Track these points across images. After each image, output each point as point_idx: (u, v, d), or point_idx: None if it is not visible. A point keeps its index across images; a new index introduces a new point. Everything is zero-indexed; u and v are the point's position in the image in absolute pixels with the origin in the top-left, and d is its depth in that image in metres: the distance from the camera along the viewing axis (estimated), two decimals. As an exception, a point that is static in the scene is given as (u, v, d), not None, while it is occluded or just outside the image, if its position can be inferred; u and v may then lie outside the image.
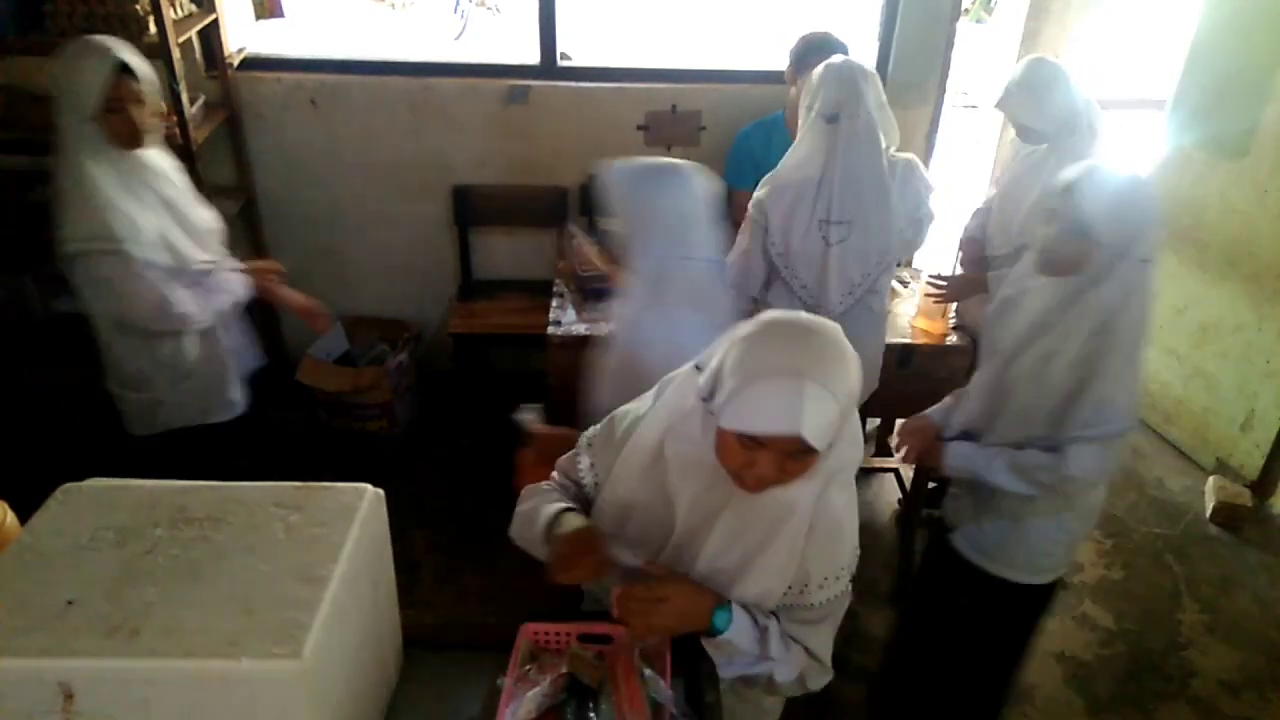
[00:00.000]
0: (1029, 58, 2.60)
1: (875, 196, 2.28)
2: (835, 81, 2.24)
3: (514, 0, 7.99)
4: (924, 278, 2.88)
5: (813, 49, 2.81)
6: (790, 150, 2.34)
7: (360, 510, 1.22)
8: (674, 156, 1.73)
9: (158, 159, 2.09)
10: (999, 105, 2.60)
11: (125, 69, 1.90)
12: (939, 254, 3.83)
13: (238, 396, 2.33)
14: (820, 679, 1.42)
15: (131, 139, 1.96)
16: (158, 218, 2.03)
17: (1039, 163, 2.57)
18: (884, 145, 2.31)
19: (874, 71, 2.29)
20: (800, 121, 2.33)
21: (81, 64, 1.89)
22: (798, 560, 1.32)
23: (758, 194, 2.38)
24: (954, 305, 2.74)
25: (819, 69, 2.29)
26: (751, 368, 1.14)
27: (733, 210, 3.14)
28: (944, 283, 2.75)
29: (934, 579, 2.18)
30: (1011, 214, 2.64)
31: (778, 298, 2.40)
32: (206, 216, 2.23)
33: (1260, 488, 3.29)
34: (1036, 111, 2.51)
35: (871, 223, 2.29)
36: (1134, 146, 4.20)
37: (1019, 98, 2.53)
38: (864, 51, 3.12)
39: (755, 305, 2.41)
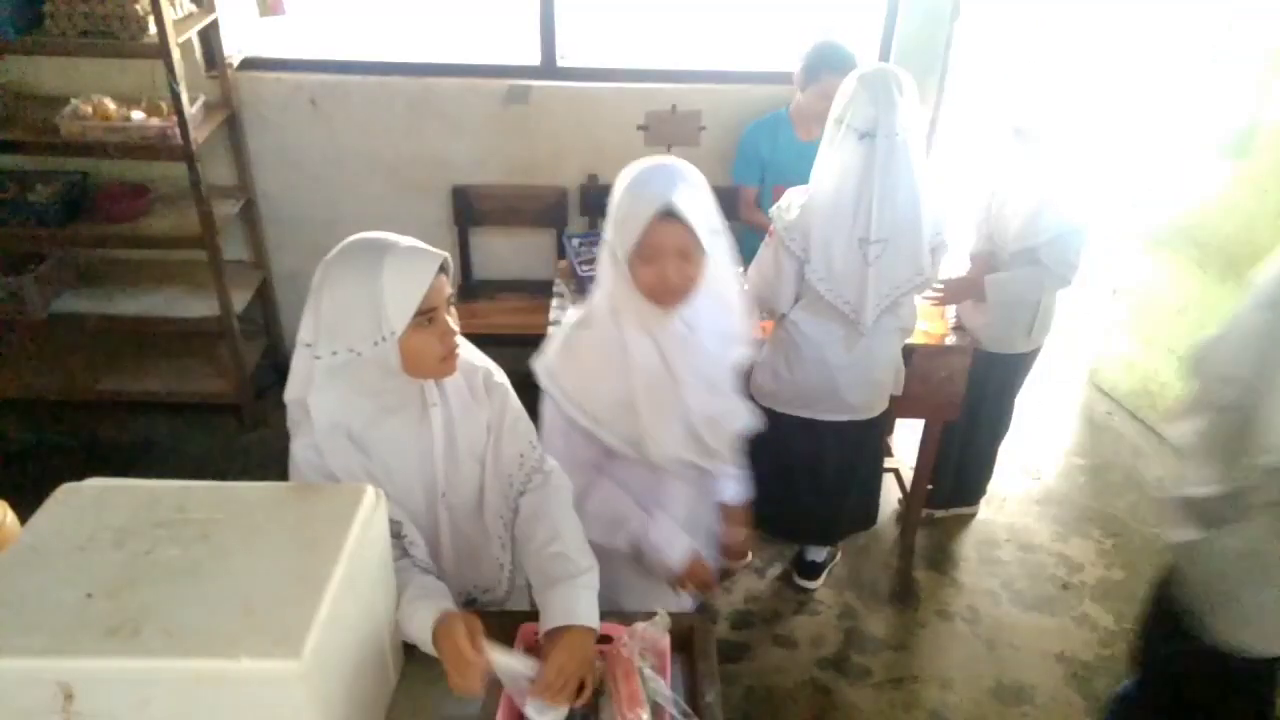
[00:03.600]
0: (1025, 59, 2.60)
1: (910, 214, 2.19)
2: (869, 95, 2.10)
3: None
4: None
5: (824, 61, 2.80)
6: (821, 168, 2.23)
7: (360, 510, 1.22)
8: (674, 156, 1.70)
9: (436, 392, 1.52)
10: (996, 107, 2.59)
11: (442, 268, 1.52)
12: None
13: None
14: None
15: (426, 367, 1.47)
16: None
17: (1035, 166, 2.57)
18: (918, 160, 2.19)
19: (908, 79, 2.15)
20: (828, 132, 2.21)
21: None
22: None
23: (787, 219, 2.26)
24: (952, 306, 2.74)
25: (850, 79, 2.16)
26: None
27: (741, 207, 3.14)
28: (941, 285, 2.75)
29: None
30: (1009, 217, 2.64)
31: (806, 311, 2.34)
32: None
33: (1260, 488, 3.29)
34: (1033, 114, 2.51)
35: (905, 239, 2.21)
36: (1133, 147, 4.20)
37: (1015, 100, 2.53)
38: (864, 52, 3.12)
39: (781, 317, 2.39)
